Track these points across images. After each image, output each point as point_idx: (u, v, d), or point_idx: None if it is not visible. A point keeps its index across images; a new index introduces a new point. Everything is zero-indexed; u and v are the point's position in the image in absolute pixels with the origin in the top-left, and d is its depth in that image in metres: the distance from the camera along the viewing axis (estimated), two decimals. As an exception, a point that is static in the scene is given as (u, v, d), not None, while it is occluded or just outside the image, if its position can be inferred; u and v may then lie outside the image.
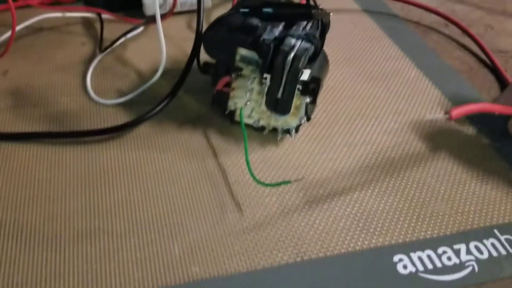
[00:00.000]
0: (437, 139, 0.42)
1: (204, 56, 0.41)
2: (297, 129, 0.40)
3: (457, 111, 0.37)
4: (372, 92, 0.47)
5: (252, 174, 0.35)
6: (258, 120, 0.40)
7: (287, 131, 0.40)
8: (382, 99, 0.46)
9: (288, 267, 0.31)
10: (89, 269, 0.31)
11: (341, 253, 0.32)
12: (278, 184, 0.34)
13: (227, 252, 0.32)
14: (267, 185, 0.35)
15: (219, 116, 0.42)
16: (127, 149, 0.39)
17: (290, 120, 0.39)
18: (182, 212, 0.34)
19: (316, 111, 0.44)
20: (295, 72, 0.36)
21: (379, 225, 0.34)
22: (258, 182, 0.35)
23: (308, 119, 0.38)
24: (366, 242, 0.33)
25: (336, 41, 0.54)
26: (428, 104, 0.45)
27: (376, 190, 0.37)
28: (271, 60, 0.37)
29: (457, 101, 0.46)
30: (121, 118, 0.42)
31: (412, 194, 0.37)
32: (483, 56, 0.53)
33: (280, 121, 0.40)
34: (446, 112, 0.37)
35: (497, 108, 0.40)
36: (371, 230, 0.34)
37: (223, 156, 0.39)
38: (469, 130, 0.43)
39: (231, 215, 0.34)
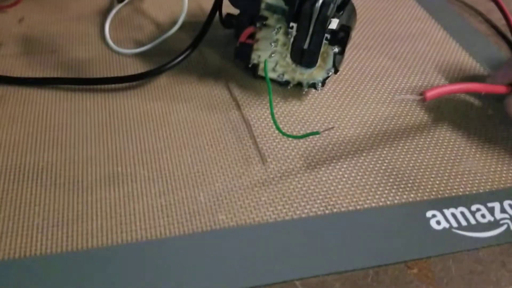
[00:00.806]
0: (467, 98, 0.40)
1: (226, 8, 0.39)
2: (323, 82, 0.38)
3: (432, 93, 0.34)
4: (399, 51, 0.45)
5: (277, 127, 0.33)
6: (283, 74, 0.39)
7: (313, 85, 0.39)
8: (409, 59, 0.44)
9: (316, 219, 0.30)
10: (113, 212, 0.30)
11: (371, 207, 0.31)
12: (306, 135, 0.33)
13: (253, 202, 0.31)
14: (294, 137, 0.34)
15: (241, 69, 0.41)
16: (148, 99, 0.38)
17: (316, 73, 0.38)
18: (207, 162, 0.33)
19: (342, 68, 0.42)
20: (324, 20, 0.35)
21: (410, 181, 0.33)
22: (284, 134, 0.34)
23: (336, 71, 0.37)
24: (397, 197, 0.32)
25: (361, 1, 0.52)
26: (456, 66, 0.44)
27: (406, 147, 0.35)
28: (298, 7, 0.35)
29: (486, 63, 0.44)
30: (140, 68, 0.41)
31: (443, 152, 0.35)
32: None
33: (305, 74, 0.38)
34: (421, 93, 0.33)
35: (478, 87, 0.37)
36: (402, 186, 0.33)
37: (247, 109, 0.37)
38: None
39: (256, 167, 0.33)
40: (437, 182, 0.33)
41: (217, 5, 0.40)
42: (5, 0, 0.47)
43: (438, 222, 0.31)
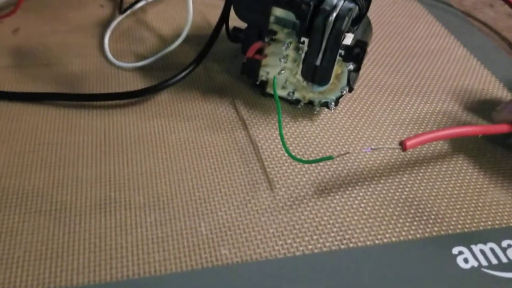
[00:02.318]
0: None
1: (233, 22, 0.36)
2: (336, 102, 0.35)
3: (412, 142, 0.29)
4: (417, 69, 0.42)
5: (287, 150, 0.30)
6: (293, 92, 0.36)
7: (325, 104, 0.36)
8: (428, 77, 0.41)
9: (331, 255, 0.27)
10: (102, 244, 0.26)
11: (391, 242, 0.28)
12: (319, 160, 0.30)
13: (260, 235, 0.28)
14: (305, 161, 0.31)
15: (248, 86, 0.38)
16: (147, 116, 0.35)
17: (329, 91, 0.35)
18: (209, 188, 0.30)
19: (357, 86, 0.39)
20: (338, 35, 0.32)
21: (433, 213, 0.30)
22: (295, 158, 0.31)
23: (351, 90, 0.34)
24: (420, 231, 0.29)
25: (375, 16, 0.50)
26: (479, 85, 0.41)
27: (427, 175, 0.32)
28: (310, 21, 0.32)
29: (510, 83, 0.41)
30: (140, 83, 0.38)
31: (467, 180, 0.32)
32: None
33: (317, 93, 0.35)
34: (400, 143, 0.29)
35: (474, 130, 0.33)
36: (424, 218, 0.29)
37: (254, 129, 0.34)
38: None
39: (264, 194, 0.30)
40: (463, 214, 0.30)
41: (224, 18, 0.38)
42: (1, 10, 0.44)
43: (466, 260, 0.28)
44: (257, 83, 0.37)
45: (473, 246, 0.28)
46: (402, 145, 0.29)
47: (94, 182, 0.30)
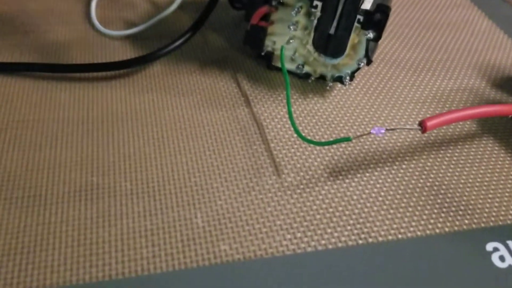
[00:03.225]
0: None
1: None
2: (352, 76, 0.31)
3: (434, 122, 0.25)
4: (439, 42, 0.38)
5: (296, 129, 0.26)
6: (303, 65, 0.32)
7: (339, 79, 0.32)
8: (451, 51, 0.37)
9: (347, 251, 0.23)
10: (81, 238, 0.23)
11: (416, 236, 0.24)
12: (334, 142, 0.26)
13: (266, 227, 0.24)
14: (317, 143, 0.27)
15: (252, 58, 0.34)
16: (138, 91, 0.31)
17: (344, 64, 0.31)
18: (207, 173, 0.26)
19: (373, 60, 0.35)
20: (356, -2, 0.28)
21: (463, 203, 0.26)
22: (305, 139, 0.27)
23: (369, 62, 0.30)
24: (448, 224, 0.25)
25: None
26: (507, 60, 0.37)
27: (454, 159, 0.28)
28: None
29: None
30: (130, 53, 0.34)
31: (500, 166, 0.28)
32: None
33: (330, 66, 0.31)
34: (419, 123, 0.25)
35: (503, 110, 0.28)
36: (453, 209, 0.26)
37: (259, 106, 0.30)
38: None
39: (269, 181, 0.26)
40: (496, 204, 0.26)
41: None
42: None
43: (502, 258, 0.24)
44: (262, 54, 0.33)
45: (509, 242, 0.25)
46: (422, 125, 0.25)
47: (74, 165, 0.26)
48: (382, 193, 0.26)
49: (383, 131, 0.25)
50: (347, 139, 0.25)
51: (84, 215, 0.24)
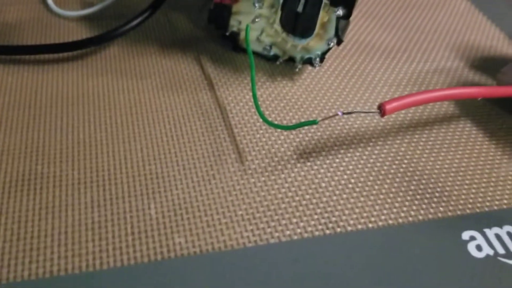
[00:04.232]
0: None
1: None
2: (322, 58, 0.29)
3: (392, 105, 0.23)
4: (416, 22, 0.36)
5: (261, 113, 0.25)
6: (270, 46, 0.30)
7: (309, 61, 0.30)
8: (429, 31, 0.36)
9: (313, 242, 0.22)
10: (22, 232, 0.21)
11: (387, 225, 0.23)
12: (300, 125, 0.24)
13: (226, 218, 0.22)
14: (283, 127, 0.25)
15: (216, 39, 0.32)
16: (91, 74, 0.28)
17: (313, 45, 0.29)
18: (164, 160, 0.24)
19: (345, 42, 0.33)
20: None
21: (438, 189, 0.24)
22: (270, 123, 0.25)
23: (339, 42, 0.28)
24: (422, 212, 0.23)
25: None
26: (486, 41, 0.35)
27: (429, 144, 0.27)
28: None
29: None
30: (85, 34, 0.31)
31: (477, 151, 0.27)
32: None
33: (299, 47, 0.29)
34: (378, 107, 0.24)
35: (474, 92, 0.26)
36: (427, 196, 0.24)
37: (222, 89, 0.28)
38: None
39: (232, 168, 0.24)
40: (473, 191, 0.25)
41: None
42: None
43: (479, 247, 0.22)
44: (227, 34, 0.30)
45: (487, 230, 0.23)
46: (381, 109, 0.23)
47: (18, 152, 0.24)
48: (352, 180, 0.24)
49: (340, 113, 0.23)
50: (313, 122, 0.23)
51: (25, 207, 0.21)
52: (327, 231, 0.22)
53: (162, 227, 0.21)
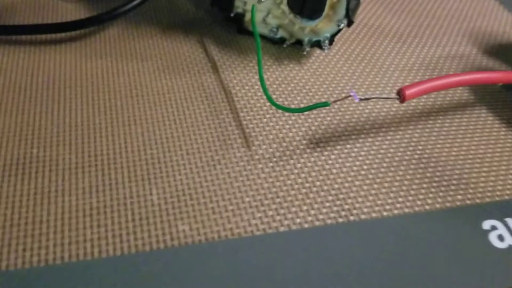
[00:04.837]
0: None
1: None
2: (331, 40, 0.28)
3: (413, 90, 0.23)
4: (425, 8, 0.35)
5: (268, 96, 0.23)
6: (277, 28, 0.29)
7: (317, 44, 0.28)
8: (439, 17, 0.34)
9: (326, 231, 0.20)
10: (15, 218, 0.19)
11: (403, 213, 0.21)
12: (310, 107, 0.23)
13: (233, 205, 0.21)
14: (293, 110, 0.24)
15: (220, 21, 0.31)
16: (90, 55, 0.27)
17: (322, 27, 0.28)
18: (166, 144, 0.23)
19: (355, 25, 0.32)
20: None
21: (455, 177, 0.23)
22: (278, 106, 0.23)
23: (350, 23, 0.27)
24: (440, 200, 0.22)
25: None
26: (498, 27, 0.34)
27: (444, 131, 0.25)
28: None
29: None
30: (84, 15, 0.30)
31: (494, 138, 0.25)
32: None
33: (307, 29, 0.28)
34: (398, 92, 0.23)
35: (492, 78, 0.25)
36: (444, 183, 0.23)
37: (227, 72, 0.27)
38: None
39: (238, 153, 0.23)
40: (492, 178, 0.23)
41: None
42: None
43: (501, 237, 0.21)
44: (232, 16, 0.29)
45: (508, 220, 0.22)
46: (400, 94, 0.22)
47: (12, 135, 0.22)
48: (365, 166, 0.23)
49: (357, 99, 0.21)
50: (324, 104, 0.22)
51: (19, 192, 0.20)
52: (340, 220, 0.21)
53: (165, 214, 0.20)
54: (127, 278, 0.18)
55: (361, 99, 0.22)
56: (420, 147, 0.24)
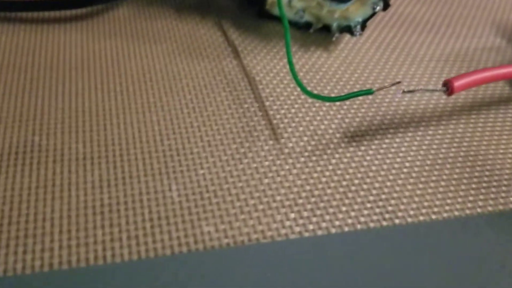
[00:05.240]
0: None
1: None
2: (363, 25, 0.26)
3: (462, 82, 0.21)
4: (457, -3, 0.33)
5: (299, 83, 0.21)
6: (303, 12, 0.26)
7: (347, 29, 0.26)
8: (471, 7, 0.32)
9: (371, 235, 0.18)
10: (13, 215, 0.17)
11: (454, 216, 0.19)
12: (350, 96, 0.20)
13: (263, 204, 0.18)
14: (328, 99, 0.21)
15: (239, 4, 0.28)
16: (99, 36, 0.24)
17: (354, 10, 0.25)
18: (185, 135, 0.20)
19: (384, 13, 0.29)
20: None
21: (505, 177, 0.21)
22: (311, 94, 0.21)
23: (386, 6, 0.24)
24: (491, 202, 0.20)
25: None
26: (534, 20, 0.32)
27: (489, 126, 0.23)
28: None
29: None
30: (91, -7, 0.27)
31: (543, 134, 0.23)
32: None
33: (337, 13, 0.25)
34: (444, 84, 0.21)
35: None
36: (495, 184, 0.20)
37: (249, 58, 0.24)
38: None
39: (265, 146, 0.20)
40: (545, 180, 0.21)
41: None
42: None
43: (561, 246, 0.19)
44: (253, -2, 0.27)
45: None
46: (448, 86, 0.20)
47: (11, 120, 0.20)
48: (407, 164, 0.21)
49: (399, 93, 0.19)
50: (367, 92, 0.19)
51: (19, 185, 0.17)
52: (384, 223, 0.18)
53: (187, 213, 0.17)
54: (144, 286, 0.15)
55: (404, 92, 0.19)
56: (465, 144, 0.22)
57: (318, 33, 0.27)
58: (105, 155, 0.19)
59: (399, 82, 0.19)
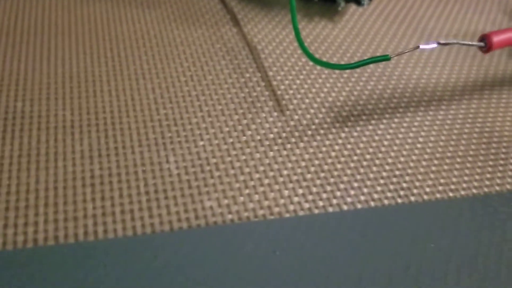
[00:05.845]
0: None
1: None
2: (371, -4, 0.24)
3: (501, 38, 0.19)
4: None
5: (306, 50, 0.19)
6: (306, -19, 0.25)
7: None
8: (478, -18, 0.30)
9: (385, 212, 0.16)
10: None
11: (472, 194, 0.17)
12: (367, 62, 0.18)
13: (268, 178, 0.16)
14: (338, 67, 0.19)
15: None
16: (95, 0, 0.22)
17: (362, -20, 0.24)
18: (183, 105, 0.18)
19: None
20: None
21: (524, 154, 0.19)
22: (320, 62, 0.19)
23: (398, -24, 0.23)
24: (509, 180, 0.18)
25: None
26: (542, -2, 0.30)
27: (503, 103, 0.22)
28: None
29: None
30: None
31: (559, 111, 0.22)
32: None
33: (344, -18, 0.24)
34: (481, 38, 0.19)
35: None
36: (511, 161, 0.19)
37: (250, 26, 0.23)
38: None
39: (270, 118, 0.19)
40: None
41: None
42: None
43: None
44: (254, -36, 0.25)
45: None
46: (486, 41, 0.18)
47: (-10, 85, 0.18)
48: (421, 139, 0.19)
49: (434, 45, 0.17)
50: (384, 58, 0.18)
51: (0, 155, 0.16)
52: (399, 200, 0.17)
53: (186, 186, 0.16)
54: (140, 265, 0.13)
55: (439, 43, 0.18)
56: (479, 119, 0.21)
57: (323, 3, 0.25)
58: (95, 123, 0.17)
59: (418, 47, 0.18)
